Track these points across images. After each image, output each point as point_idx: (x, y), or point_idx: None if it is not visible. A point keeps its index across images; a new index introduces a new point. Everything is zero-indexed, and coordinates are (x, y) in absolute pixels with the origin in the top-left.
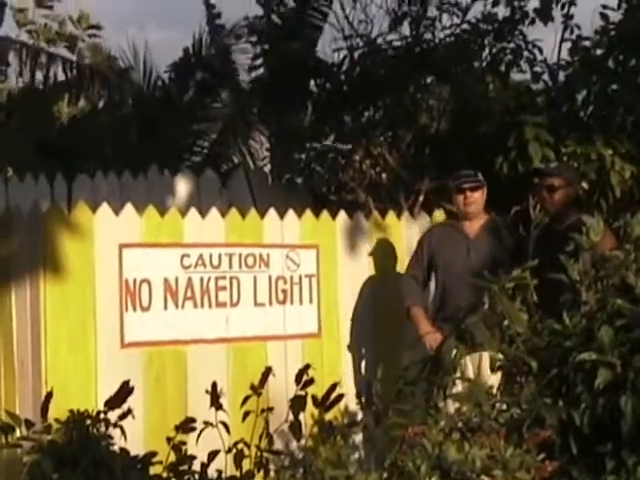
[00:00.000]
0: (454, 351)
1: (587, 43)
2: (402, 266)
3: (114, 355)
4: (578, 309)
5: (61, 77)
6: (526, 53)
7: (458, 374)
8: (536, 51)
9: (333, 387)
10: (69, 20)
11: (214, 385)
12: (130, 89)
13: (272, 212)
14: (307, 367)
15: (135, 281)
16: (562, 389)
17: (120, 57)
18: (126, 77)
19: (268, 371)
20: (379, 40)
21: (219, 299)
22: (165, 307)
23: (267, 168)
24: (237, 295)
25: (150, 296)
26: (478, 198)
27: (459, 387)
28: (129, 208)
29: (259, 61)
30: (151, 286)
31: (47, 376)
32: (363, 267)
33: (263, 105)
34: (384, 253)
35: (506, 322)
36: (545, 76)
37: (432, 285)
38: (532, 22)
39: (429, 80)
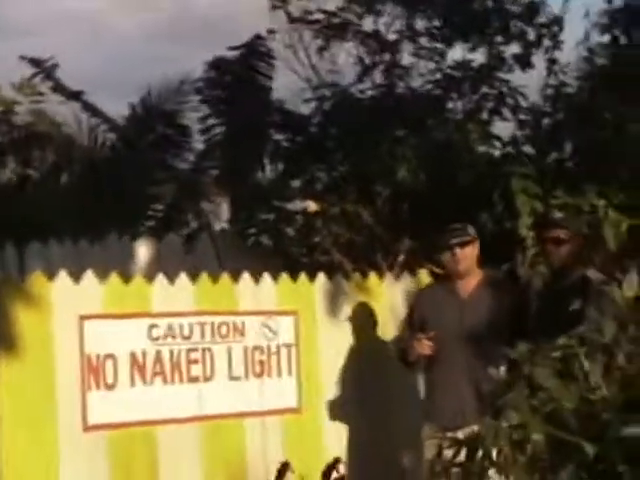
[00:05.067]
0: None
1: (570, 89)
2: (386, 331)
3: (77, 440)
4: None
5: None
6: (510, 100)
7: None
8: (519, 97)
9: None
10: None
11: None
12: (77, 152)
13: (246, 276)
14: (336, 462)
15: (98, 356)
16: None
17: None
18: (72, 141)
19: (285, 468)
20: (351, 89)
21: (191, 373)
22: (132, 384)
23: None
24: (210, 368)
25: (115, 372)
26: (468, 254)
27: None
28: (89, 276)
29: (211, 121)
30: (116, 361)
31: (2, 465)
32: (345, 334)
33: (222, 165)
34: (366, 318)
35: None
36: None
37: None
38: (510, 69)
39: (405, 132)
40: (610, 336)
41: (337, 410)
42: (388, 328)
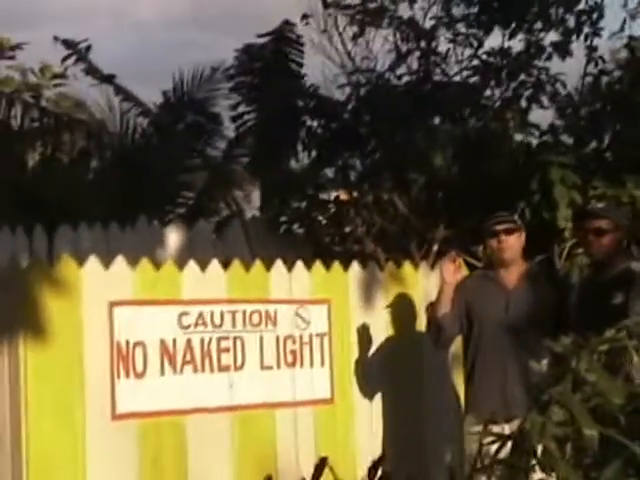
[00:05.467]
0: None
1: (610, 78)
2: (421, 322)
3: (105, 428)
4: None
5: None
6: (548, 87)
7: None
8: (558, 85)
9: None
10: (30, 71)
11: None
12: (108, 137)
13: (279, 264)
14: (382, 458)
15: (128, 343)
16: None
17: (95, 106)
18: (103, 126)
19: (323, 463)
20: (387, 76)
21: (222, 362)
22: (162, 372)
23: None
24: (241, 358)
25: (145, 360)
26: (514, 243)
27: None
28: (120, 261)
29: (243, 108)
30: (146, 349)
31: (28, 454)
32: (379, 324)
33: (254, 152)
34: (402, 308)
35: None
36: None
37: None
38: (549, 57)
39: (440, 120)
40: None
41: (370, 402)
42: (423, 318)
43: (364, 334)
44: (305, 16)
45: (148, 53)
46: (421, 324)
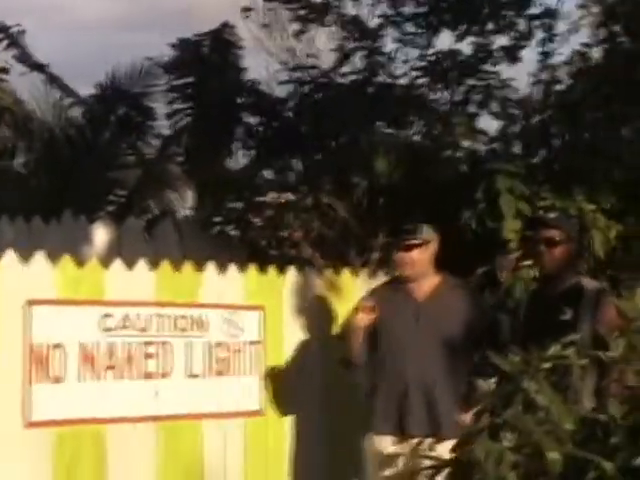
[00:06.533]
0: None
1: (562, 86)
2: None
3: (17, 437)
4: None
5: None
6: (499, 93)
7: None
8: (509, 91)
9: None
10: None
11: None
12: (39, 131)
13: (211, 266)
14: None
15: (45, 346)
16: None
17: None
18: (33, 118)
19: None
20: (330, 74)
21: (147, 369)
22: (81, 378)
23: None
24: (168, 364)
25: (63, 364)
26: (416, 258)
27: None
28: (40, 257)
29: (179, 104)
30: (65, 352)
31: None
32: (315, 332)
33: (189, 150)
34: (338, 317)
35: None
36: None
37: None
38: (498, 62)
39: (385, 122)
40: (618, 351)
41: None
42: None
43: (298, 342)
44: (246, 9)
45: (85, 53)
46: None
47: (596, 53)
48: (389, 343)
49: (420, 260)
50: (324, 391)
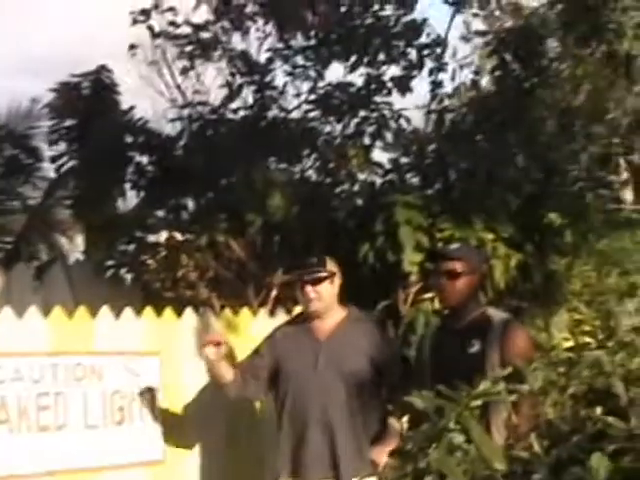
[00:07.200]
0: None
1: (453, 115)
2: None
3: None
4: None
5: None
6: (392, 124)
7: None
8: (403, 122)
9: None
10: None
11: None
12: None
13: (105, 310)
14: None
15: None
16: None
17: None
18: None
19: None
20: (220, 110)
21: (41, 422)
22: None
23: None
24: (63, 416)
25: None
26: (323, 292)
27: None
28: None
29: (62, 147)
30: None
31: None
32: None
33: (77, 193)
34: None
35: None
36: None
37: None
38: (389, 92)
39: (278, 157)
40: (537, 384)
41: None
42: None
43: (198, 387)
44: (132, 47)
45: None
46: None
47: (486, 82)
48: (288, 383)
49: (328, 294)
50: (226, 436)
